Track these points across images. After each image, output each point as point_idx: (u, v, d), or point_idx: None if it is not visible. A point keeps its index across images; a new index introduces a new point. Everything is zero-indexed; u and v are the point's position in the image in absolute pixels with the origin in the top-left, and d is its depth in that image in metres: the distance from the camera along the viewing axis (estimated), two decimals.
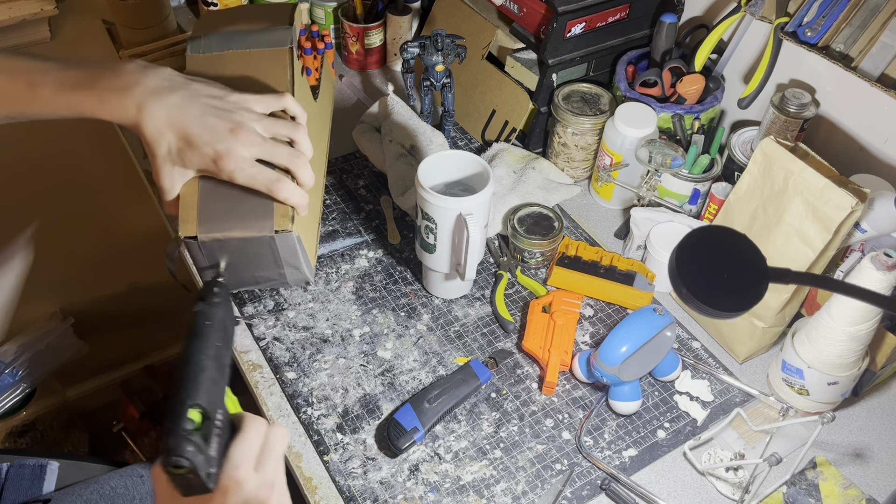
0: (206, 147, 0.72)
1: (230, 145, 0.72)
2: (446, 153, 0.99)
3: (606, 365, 0.91)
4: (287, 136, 0.77)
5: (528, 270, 1.11)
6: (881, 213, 0.94)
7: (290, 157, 0.75)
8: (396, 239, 1.15)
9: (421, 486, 0.87)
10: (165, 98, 0.72)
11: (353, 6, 1.41)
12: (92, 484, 1.08)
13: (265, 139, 0.74)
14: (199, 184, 0.75)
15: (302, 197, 0.75)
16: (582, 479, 0.89)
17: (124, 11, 1.26)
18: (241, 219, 0.74)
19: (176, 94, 0.73)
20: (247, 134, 0.73)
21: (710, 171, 1.11)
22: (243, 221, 0.74)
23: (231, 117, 0.73)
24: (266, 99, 0.77)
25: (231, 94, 0.75)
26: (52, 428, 1.85)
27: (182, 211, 0.75)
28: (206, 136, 0.72)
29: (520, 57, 1.26)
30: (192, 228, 0.74)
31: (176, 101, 0.72)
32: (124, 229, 1.71)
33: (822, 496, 0.88)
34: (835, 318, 0.87)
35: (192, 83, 0.75)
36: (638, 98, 1.16)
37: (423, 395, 0.92)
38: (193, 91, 0.74)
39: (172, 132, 0.72)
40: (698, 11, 1.25)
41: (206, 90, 0.75)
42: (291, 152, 0.76)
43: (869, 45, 0.97)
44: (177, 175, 0.74)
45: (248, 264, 0.79)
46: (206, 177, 0.76)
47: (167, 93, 0.73)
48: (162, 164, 0.74)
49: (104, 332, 1.82)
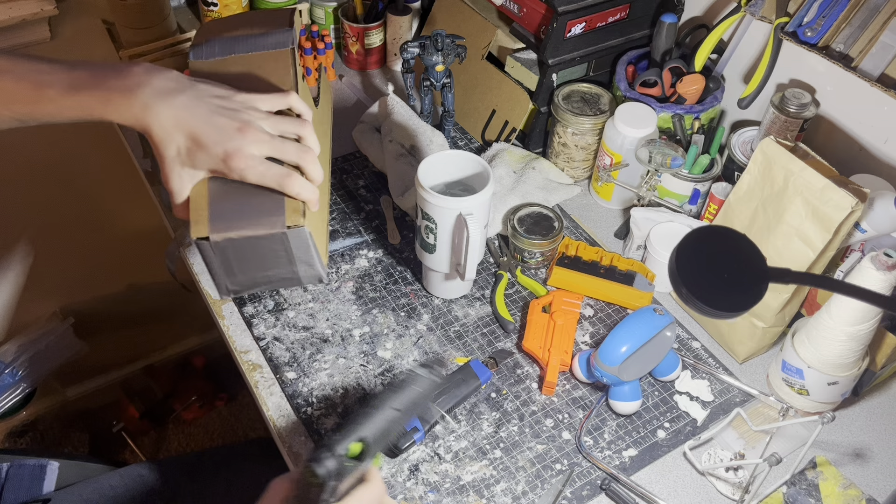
0: (216, 146, 0.72)
1: (239, 144, 0.72)
2: (446, 153, 0.99)
3: (606, 365, 0.91)
4: (294, 133, 0.77)
5: (528, 270, 1.11)
6: (881, 213, 0.94)
7: (298, 153, 0.76)
8: (396, 239, 1.15)
9: (421, 486, 0.87)
10: (172, 99, 0.72)
11: (353, 6, 1.41)
12: (92, 484, 1.08)
13: (273, 136, 0.75)
14: (209, 185, 0.75)
15: (313, 192, 0.76)
16: (582, 479, 0.89)
17: (124, 11, 1.26)
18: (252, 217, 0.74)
19: (183, 94, 0.73)
20: (255, 132, 0.73)
21: (710, 171, 1.11)
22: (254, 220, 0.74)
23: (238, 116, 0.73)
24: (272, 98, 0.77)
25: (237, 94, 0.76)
26: (52, 428, 1.85)
27: (192, 213, 0.75)
28: (215, 136, 0.72)
29: (520, 57, 1.26)
30: (204, 229, 0.74)
31: (183, 102, 0.72)
32: (124, 229, 1.71)
33: (822, 496, 0.88)
34: (835, 318, 0.87)
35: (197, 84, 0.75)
36: (638, 98, 1.16)
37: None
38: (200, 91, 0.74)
39: (181, 133, 0.72)
40: (698, 11, 1.25)
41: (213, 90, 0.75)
42: (300, 148, 0.76)
43: (869, 45, 0.97)
44: (186, 177, 0.74)
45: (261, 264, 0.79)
46: (215, 178, 0.76)
47: (174, 94, 0.73)
48: (171, 166, 0.74)
49: (104, 332, 1.82)
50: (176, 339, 1.99)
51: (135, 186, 1.49)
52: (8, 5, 1.24)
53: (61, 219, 1.62)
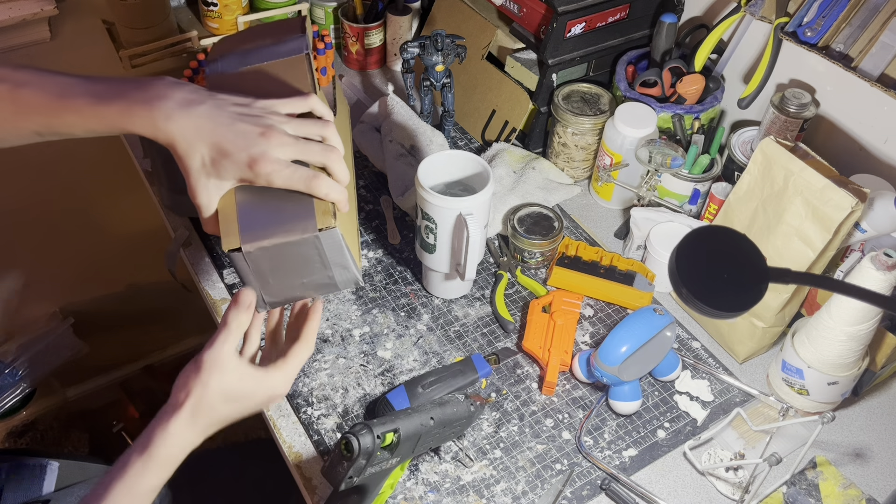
0: (241, 153, 0.72)
1: (263, 148, 0.72)
2: (446, 153, 0.99)
3: (606, 365, 0.91)
4: (318, 135, 0.77)
5: (528, 270, 1.11)
6: (881, 213, 0.94)
7: (323, 154, 0.75)
8: (396, 239, 1.15)
9: (421, 486, 0.87)
10: (193, 109, 0.72)
11: (353, 6, 1.41)
12: (92, 484, 1.08)
13: (297, 139, 0.74)
14: (236, 195, 0.75)
15: (341, 192, 0.75)
16: (582, 479, 0.89)
17: (124, 11, 1.26)
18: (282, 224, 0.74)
19: (203, 104, 0.73)
20: (278, 136, 0.73)
21: (710, 171, 1.11)
22: (285, 226, 0.74)
23: (260, 121, 0.73)
24: (292, 101, 0.77)
25: (257, 101, 0.76)
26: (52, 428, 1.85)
27: (222, 225, 0.75)
28: (239, 143, 0.72)
29: (520, 57, 1.26)
30: (235, 241, 0.73)
31: (204, 112, 0.72)
32: (124, 229, 1.71)
33: (822, 496, 0.88)
34: (835, 318, 0.87)
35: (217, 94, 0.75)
36: (638, 98, 1.16)
37: (419, 380, 0.92)
38: (220, 101, 0.74)
39: (204, 143, 0.72)
40: (698, 11, 1.25)
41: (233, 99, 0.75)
42: (324, 148, 0.76)
43: (869, 45, 0.97)
44: (213, 188, 0.74)
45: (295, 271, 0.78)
46: (242, 187, 0.75)
47: (195, 104, 0.73)
48: (197, 179, 0.73)
49: (104, 332, 1.82)
50: (176, 339, 1.99)
51: (135, 186, 1.49)
52: (8, 5, 1.24)
53: (61, 219, 1.62)
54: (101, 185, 1.61)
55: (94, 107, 0.73)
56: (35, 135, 0.77)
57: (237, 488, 1.14)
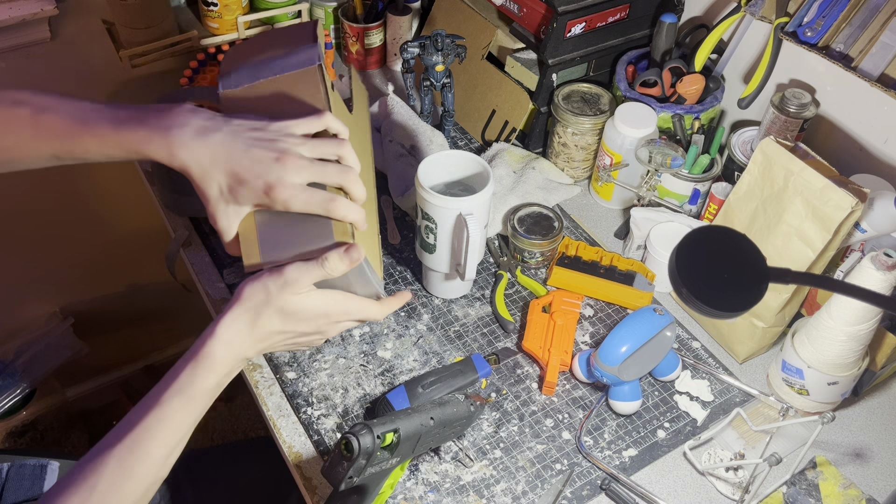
0: (257, 180, 0.72)
1: (279, 174, 0.72)
2: (446, 153, 0.99)
3: (606, 365, 0.91)
4: (333, 155, 0.77)
5: (528, 270, 1.11)
6: (881, 213, 0.94)
7: (340, 175, 0.75)
8: (396, 239, 1.15)
9: (421, 486, 0.87)
10: (209, 137, 0.73)
11: (353, 6, 1.41)
12: None
13: (313, 161, 0.75)
14: (255, 218, 0.76)
15: (358, 212, 0.76)
16: (582, 479, 0.89)
17: (124, 11, 1.26)
18: (302, 245, 0.74)
19: (219, 132, 0.73)
20: (293, 159, 0.73)
21: (710, 171, 1.11)
22: (305, 247, 0.74)
23: (275, 146, 0.73)
24: (307, 122, 0.77)
25: (272, 124, 0.76)
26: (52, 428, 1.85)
27: (243, 247, 0.75)
28: (255, 169, 0.72)
29: (520, 57, 1.26)
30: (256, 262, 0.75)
31: (219, 139, 0.73)
32: (124, 229, 1.71)
33: (822, 496, 0.88)
34: (835, 318, 0.87)
35: (233, 120, 0.75)
36: (638, 98, 1.16)
37: (419, 380, 0.92)
38: (236, 127, 0.74)
39: (220, 170, 0.72)
40: (698, 11, 1.25)
41: (248, 124, 0.75)
42: (341, 169, 0.76)
43: (869, 45, 0.97)
44: (232, 214, 0.75)
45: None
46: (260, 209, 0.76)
47: (210, 132, 0.73)
48: (216, 205, 0.74)
49: (104, 332, 1.82)
50: (176, 339, 1.99)
51: (135, 186, 1.49)
52: (8, 5, 1.24)
53: (61, 218, 1.62)
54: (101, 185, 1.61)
55: (116, 133, 0.74)
56: (53, 158, 0.78)
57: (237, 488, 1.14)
